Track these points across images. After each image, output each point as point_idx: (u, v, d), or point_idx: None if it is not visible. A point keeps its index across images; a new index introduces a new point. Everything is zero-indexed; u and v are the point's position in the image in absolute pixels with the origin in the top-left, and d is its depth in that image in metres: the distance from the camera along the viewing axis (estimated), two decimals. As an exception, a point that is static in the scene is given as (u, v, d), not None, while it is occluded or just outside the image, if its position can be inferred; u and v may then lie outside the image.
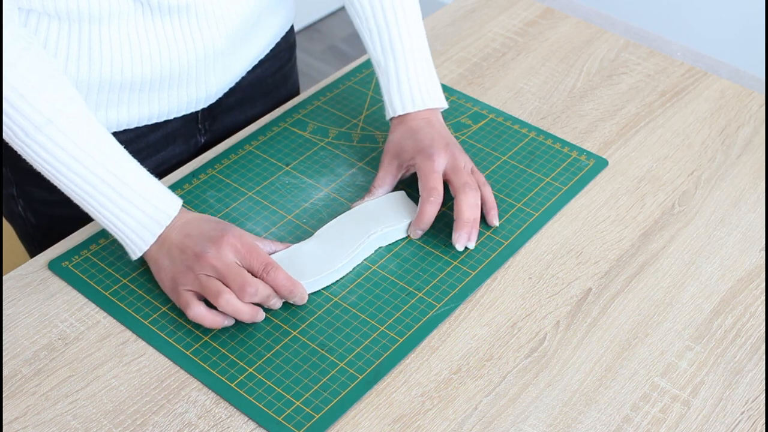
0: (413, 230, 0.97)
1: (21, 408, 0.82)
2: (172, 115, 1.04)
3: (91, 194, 0.87)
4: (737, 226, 1.01)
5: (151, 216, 0.88)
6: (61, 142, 0.85)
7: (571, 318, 0.91)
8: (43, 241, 1.08)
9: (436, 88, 1.05)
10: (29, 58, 0.84)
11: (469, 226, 0.96)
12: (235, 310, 0.86)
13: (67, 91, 0.86)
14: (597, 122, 1.14)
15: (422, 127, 1.01)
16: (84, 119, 0.87)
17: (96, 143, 0.87)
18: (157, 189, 0.90)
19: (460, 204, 0.96)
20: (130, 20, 0.92)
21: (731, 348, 0.89)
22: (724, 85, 1.19)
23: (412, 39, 1.03)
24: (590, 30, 1.28)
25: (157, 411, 0.82)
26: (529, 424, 0.82)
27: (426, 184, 0.97)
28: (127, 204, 0.88)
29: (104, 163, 0.87)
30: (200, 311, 0.86)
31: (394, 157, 1.02)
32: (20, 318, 0.90)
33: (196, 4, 0.95)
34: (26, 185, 1.07)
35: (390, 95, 1.03)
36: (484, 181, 1.00)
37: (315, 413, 0.82)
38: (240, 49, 1.05)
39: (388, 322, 0.90)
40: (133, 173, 0.89)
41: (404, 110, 1.02)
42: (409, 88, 1.03)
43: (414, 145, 1.00)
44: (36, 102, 0.84)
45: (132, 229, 0.89)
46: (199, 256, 0.87)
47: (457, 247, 0.96)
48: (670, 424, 0.82)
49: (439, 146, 0.99)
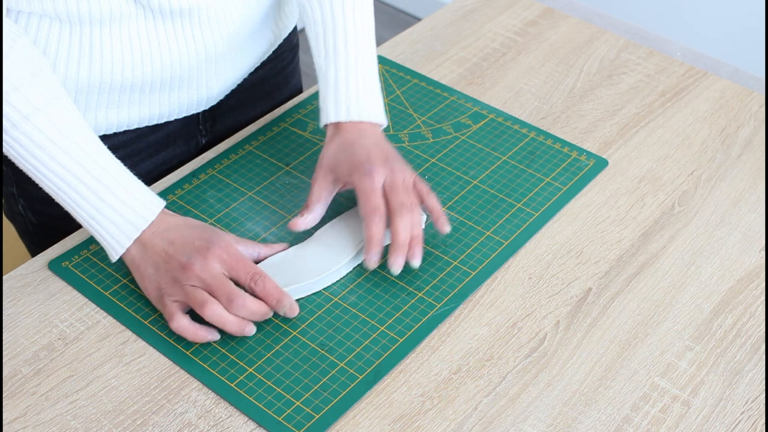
0: (369, 258, 0.91)
1: (21, 408, 0.82)
2: (172, 116, 1.04)
3: (68, 194, 0.86)
4: (737, 226, 1.01)
5: (128, 219, 0.87)
6: (40, 140, 0.84)
7: (571, 318, 0.91)
8: (44, 240, 1.08)
9: (376, 102, 0.99)
10: (14, 55, 0.84)
11: (404, 248, 0.91)
12: (222, 320, 0.85)
13: (51, 89, 0.85)
14: (597, 122, 1.14)
15: (357, 140, 0.96)
16: (67, 117, 0.85)
17: (77, 143, 0.86)
18: (138, 192, 0.88)
19: (395, 227, 0.91)
20: (131, 23, 0.92)
21: (731, 348, 0.89)
22: (724, 85, 1.19)
23: (358, 50, 0.99)
24: (590, 30, 1.28)
25: (157, 411, 0.82)
26: (529, 424, 0.82)
27: (367, 204, 0.92)
28: (104, 205, 0.86)
29: (84, 163, 0.85)
30: (183, 323, 0.85)
31: (329, 172, 0.96)
32: (20, 318, 0.90)
33: (198, 8, 0.94)
34: (26, 184, 1.06)
35: (326, 101, 0.99)
36: (427, 191, 0.95)
37: (315, 413, 0.82)
38: (242, 52, 1.05)
39: (388, 322, 0.90)
40: (113, 175, 0.87)
41: (337, 117, 0.98)
42: (347, 95, 0.98)
43: (350, 160, 0.95)
44: (18, 97, 0.83)
45: (108, 232, 0.87)
46: (185, 267, 0.85)
47: (392, 271, 0.91)
48: (670, 424, 0.82)
49: (376, 161, 0.94)
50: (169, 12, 0.93)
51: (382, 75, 1.20)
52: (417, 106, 1.15)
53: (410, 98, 1.17)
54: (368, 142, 0.96)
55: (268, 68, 1.16)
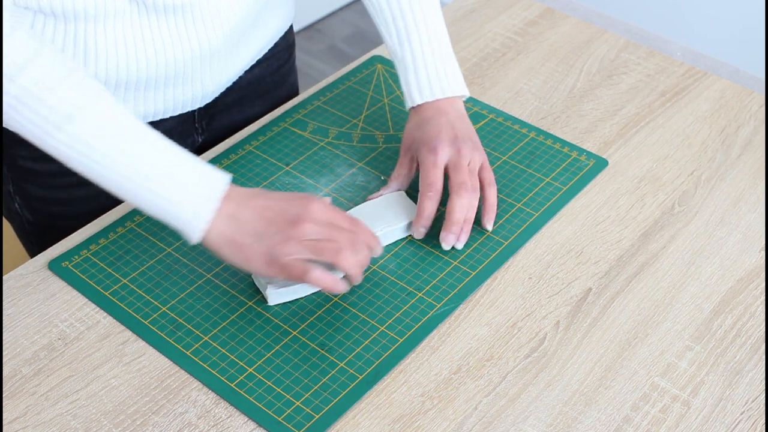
0: (415, 229, 0.97)
1: (21, 408, 0.82)
2: (167, 114, 1.04)
3: (135, 180, 0.83)
4: (737, 226, 1.01)
5: (203, 193, 0.84)
6: (89, 140, 0.82)
7: (571, 318, 0.91)
8: (41, 239, 1.08)
9: (454, 75, 1.02)
10: (47, 54, 0.83)
11: (457, 227, 0.95)
12: (352, 264, 0.85)
13: (91, 82, 0.84)
14: (597, 122, 1.14)
15: (432, 117, 1.00)
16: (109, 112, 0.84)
17: (127, 136, 0.84)
18: (202, 166, 0.86)
19: (452, 204, 0.95)
20: (126, 19, 0.92)
21: (731, 348, 0.89)
22: (724, 85, 1.19)
23: (428, 27, 1.01)
24: (590, 30, 1.28)
25: (157, 411, 0.82)
26: (529, 424, 0.82)
27: (425, 180, 0.97)
28: (174, 186, 0.84)
29: (140, 153, 0.83)
30: (320, 273, 0.85)
31: (407, 151, 1.01)
32: (20, 318, 0.90)
33: (192, 4, 0.94)
34: (23, 182, 1.07)
35: (408, 85, 1.02)
36: (491, 180, 0.98)
37: (315, 413, 0.82)
38: (237, 49, 1.05)
39: (388, 322, 0.90)
40: (175, 153, 0.85)
41: (422, 99, 1.01)
42: (427, 76, 1.01)
43: (421, 137, 0.99)
44: (64, 93, 0.81)
45: (187, 210, 0.84)
46: (297, 222, 0.84)
47: (443, 246, 0.95)
48: (670, 424, 0.82)
49: (443, 139, 0.97)
50: (162, 8, 0.93)
51: (381, 75, 1.20)
52: (417, 106, 1.15)
53: (410, 98, 1.17)
54: (442, 120, 0.99)
55: (264, 66, 1.16)
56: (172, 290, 0.92)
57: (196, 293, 0.92)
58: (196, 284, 0.93)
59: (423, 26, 1.01)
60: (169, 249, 0.96)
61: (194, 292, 0.92)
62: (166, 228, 0.98)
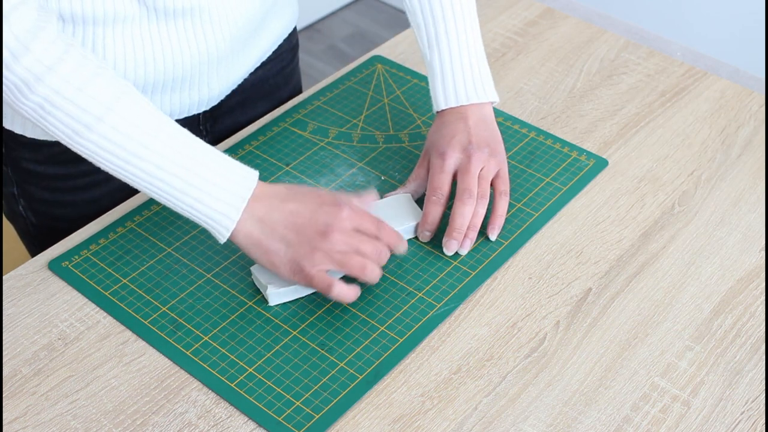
0: (420, 232, 0.97)
1: (21, 408, 0.82)
2: (173, 117, 1.04)
3: (163, 179, 0.84)
4: (737, 226, 1.01)
5: (231, 191, 0.85)
6: (118, 139, 0.82)
7: (571, 318, 0.91)
8: (44, 241, 1.08)
9: (482, 81, 1.01)
10: (75, 54, 0.83)
11: (458, 234, 0.95)
12: (375, 277, 0.87)
13: (119, 82, 0.84)
14: (597, 122, 1.14)
15: (451, 122, 1.00)
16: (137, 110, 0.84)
17: (154, 134, 0.84)
18: (231, 164, 0.86)
19: (454, 211, 0.95)
20: (134, 24, 0.92)
21: (731, 348, 0.89)
22: (724, 85, 1.19)
23: (458, 32, 1.01)
24: (590, 30, 1.28)
25: (157, 411, 0.82)
26: (529, 424, 0.82)
27: (430, 184, 0.97)
28: (204, 184, 0.84)
29: (173, 146, 0.84)
30: (344, 289, 0.87)
31: (426, 152, 1.01)
32: (20, 318, 0.90)
33: (200, 8, 0.94)
34: (27, 185, 1.07)
35: (434, 89, 1.02)
36: (503, 190, 0.98)
37: (315, 413, 0.82)
38: (243, 52, 1.05)
39: (388, 322, 0.90)
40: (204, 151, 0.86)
41: (447, 104, 1.01)
42: (453, 82, 1.00)
43: (436, 141, 0.99)
44: (94, 92, 0.82)
45: (214, 209, 0.85)
46: (325, 234, 0.85)
47: (444, 251, 0.95)
48: (670, 424, 0.82)
49: (455, 144, 0.97)
50: (172, 12, 0.93)
51: (381, 75, 1.20)
52: (417, 106, 1.15)
53: (410, 98, 1.17)
54: (460, 125, 0.99)
55: (268, 68, 1.16)
56: (172, 290, 0.92)
57: (196, 293, 0.92)
58: (196, 284, 0.93)
59: (453, 31, 1.01)
60: (169, 249, 0.96)
61: (194, 292, 0.92)
62: (166, 228, 0.98)
